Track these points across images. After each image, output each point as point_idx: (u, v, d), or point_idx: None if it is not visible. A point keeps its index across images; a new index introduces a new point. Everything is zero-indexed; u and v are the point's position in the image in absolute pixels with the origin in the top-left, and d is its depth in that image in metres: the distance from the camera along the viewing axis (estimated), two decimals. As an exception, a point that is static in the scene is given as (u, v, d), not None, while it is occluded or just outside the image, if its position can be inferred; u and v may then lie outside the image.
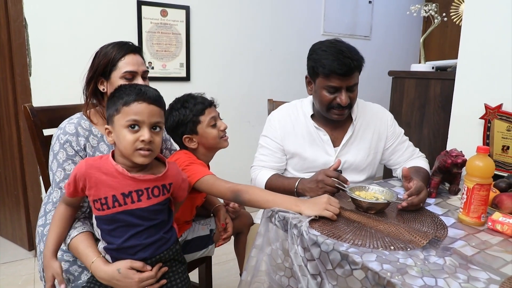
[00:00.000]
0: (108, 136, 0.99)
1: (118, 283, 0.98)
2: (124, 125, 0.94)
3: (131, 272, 0.97)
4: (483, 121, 1.50)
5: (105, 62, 1.17)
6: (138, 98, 0.94)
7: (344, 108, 1.33)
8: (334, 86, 1.29)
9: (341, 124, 1.44)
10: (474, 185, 1.00)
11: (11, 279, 2.08)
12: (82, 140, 1.15)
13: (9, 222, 2.47)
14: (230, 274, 2.15)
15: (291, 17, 3.00)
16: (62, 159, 1.12)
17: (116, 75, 1.17)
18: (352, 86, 1.31)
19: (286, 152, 1.46)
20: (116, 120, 0.95)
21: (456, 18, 2.08)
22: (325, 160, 1.42)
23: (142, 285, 0.98)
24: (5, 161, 2.37)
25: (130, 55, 1.19)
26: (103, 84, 1.19)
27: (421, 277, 0.74)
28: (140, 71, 1.20)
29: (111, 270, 0.98)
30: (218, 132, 1.28)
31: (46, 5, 2.14)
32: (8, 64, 2.15)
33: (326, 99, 1.32)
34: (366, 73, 3.34)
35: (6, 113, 2.27)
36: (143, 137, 0.93)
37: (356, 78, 1.32)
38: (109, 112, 0.97)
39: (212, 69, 2.74)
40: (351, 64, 1.25)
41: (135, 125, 0.94)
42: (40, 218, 1.24)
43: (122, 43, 1.21)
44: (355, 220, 1.01)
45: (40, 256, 1.19)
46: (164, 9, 2.47)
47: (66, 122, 1.17)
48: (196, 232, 1.38)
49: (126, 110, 0.94)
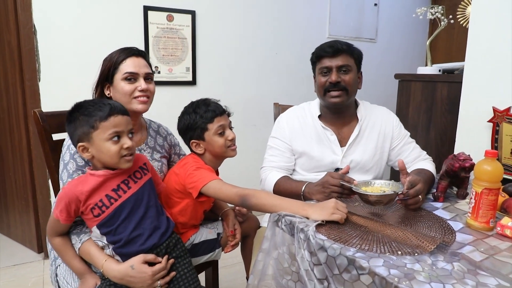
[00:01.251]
0: (84, 152, 1.03)
1: (132, 280, 1.01)
2: (106, 139, 1.00)
3: (144, 267, 1.02)
4: (491, 124, 1.49)
5: (109, 66, 1.19)
6: (112, 112, 1.02)
7: (338, 88, 1.38)
8: (325, 67, 1.40)
9: (348, 124, 1.48)
10: (482, 190, 0.99)
11: (20, 281, 2.10)
12: None
13: (19, 225, 2.50)
14: (236, 277, 2.15)
15: (296, 20, 3.01)
16: (72, 169, 1.13)
17: (118, 78, 1.19)
18: (342, 66, 1.39)
19: (294, 152, 1.49)
20: (96, 136, 1.00)
21: (463, 20, 2.07)
22: (332, 159, 1.44)
23: (156, 278, 1.03)
24: (14, 165, 2.41)
25: (132, 57, 1.21)
26: (108, 89, 1.21)
27: (429, 282, 0.73)
28: (141, 73, 1.21)
29: (124, 267, 1.02)
30: (225, 142, 1.28)
31: (55, 11, 2.17)
32: (17, 70, 2.18)
33: (321, 82, 1.41)
34: (372, 75, 3.36)
35: (15, 117, 2.30)
36: (126, 145, 1.02)
37: (347, 61, 1.40)
38: (82, 130, 1.01)
39: (218, 73, 2.76)
40: (338, 46, 1.38)
41: (116, 136, 1.01)
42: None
43: (126, 48, 1.23)
44: (362, 225, 1.01)
45: (54, 262, 1.21)
46: (170, 14, 2.49)
47: None
48: (204, 236, 1.38)
49: (105, 125, 1.00)
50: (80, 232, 1.09)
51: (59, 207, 1.01)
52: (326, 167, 1.44)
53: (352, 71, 1.41)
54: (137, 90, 1.20)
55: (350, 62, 1.40)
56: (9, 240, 2.56)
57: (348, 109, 1.47)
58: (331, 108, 1.45)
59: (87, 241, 1.08)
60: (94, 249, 1.06)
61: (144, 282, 1.01)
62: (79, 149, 1.02)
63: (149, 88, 1.22)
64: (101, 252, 1.06)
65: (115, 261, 1.05)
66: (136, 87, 1.20)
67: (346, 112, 1.47)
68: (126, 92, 1.18)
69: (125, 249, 1.04)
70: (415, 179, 1.10)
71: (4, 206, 2.58)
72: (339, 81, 1.37)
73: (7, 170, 2.48)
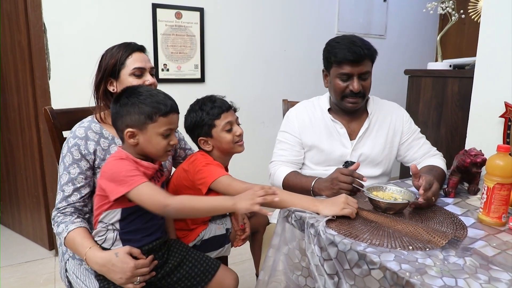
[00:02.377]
0: (130, 138, 1.02)
1: (112, 268, 1.00)
2: (159, 133, 1.03)
3: (128, 257, 1.01)
4: (503, 120, 1.47)
5: (113, 62, 1.19)
6: (172, 110, 1.05)
7: (357, 96, 1.37)
8: (346, 73, 1.35)
9: (358, 117, 1.48)
10: (494, 185, 0.98)
11: (32, 277, 2.13)
12: (91, 144, 1.16)
13: (30, 222, 2.53)
14: (246, 274, 2.15)
15: (305, 17, 3.00)
16: (68, 162, 1.14)
17: (125, 73, 1.19)
18: (363, 73, 1.36)
19: (304, 145, 1.49)
20: (151, 128, 1.02)
21: (474, 15, 2.05)
22: (341, 152, 1.44)
23: (136, 273, 1.01)
24: (25, 163, 2.44)
25: (136, 53, 1.22)
26: (112, 85, 1.21)
27: (440, 277, 0.73)
28: (147, 68, 1.22)
29: (108, 254, 1.02)
30: (233, 137, 1.27)
31: (64, 10, 2.19)
32: (28, 68, 2.21)
33: (340, 87, 1.37)
34: (382, 72, 3.34)
35: (26, 115, 2.33)
36: (173, 142, 1.06)
37: (368, 67, 1.37)
38: (137, 117, 1.01)
39: (226, 70, 2.76)
40: (361, 51, 1.32)
41: (169, 133, 1.05)
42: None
43: (127, 43, 1.23)
44: (373, 220, 1.01)
45: (63, 257, 1.22)
46: (179, 11, 2.50)
47: (77, 126, 1.20)
48: (213, 232, 1.39)
49: (163, 120, 1.03)
50: (68, 222, 1.10)
51: (135, 173, 0.98)
52: (336, 160, 1.44)
53: (370, 75, 1.39)
54: (145, 84, 1.20)
55: (369, 67, 1.38)
56: (20, 237, 2.60)
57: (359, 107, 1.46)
58: (345, 110, 1.45)
59: (73, 230, 1.08)
60: (79, 238, 1.06)
61: (124, 273, 0.99)
62: (127, 134, 1.02)
63: (154, 83, 1.24)
64: (87, 240, 1.06)
65: (99, 249, 1.04)
66: (144, 81, 1.21)
67: (357, 109, 1.46)
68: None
69: (130, 236, 1.05)
70: (431, 180, 1.09)
71: (16, 204, 2.62)
72: (360, 90, 1.36)
73: (18, 168, 2.52)
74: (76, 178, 1.14)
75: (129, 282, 1.01)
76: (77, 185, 1.14)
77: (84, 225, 1.12)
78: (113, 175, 0.98)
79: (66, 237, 1.08)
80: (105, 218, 1.04)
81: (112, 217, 1.03)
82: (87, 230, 1.11)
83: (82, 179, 1.14)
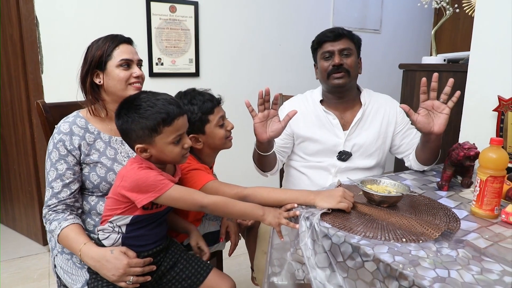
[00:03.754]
0: (142, 153, 1.00)
1: (106, 264, 0.99)
2: (169, 142, 0.99)
3: (122, 255, 1.00)
4: (496, 113, 1.47)
5: (100, 54, 1.17)
6: (176, 116, 0.99)
7: (341, 70, 1.41)
8: (327, 51, 1.43)
9: (351, 108, 1.50)
10: (487, 177, 0.98)
11: (26, 272, 2.12)
12: (76, 139, 1.14)
13: (24, 218, 2.52)
14: (241, 268, 2.16)
15: (300, 11, 2.98)
16: (55, 158, 1.13)
17: (112, 64, 1.17)
18: (344, 49, 1.42)
19: (297, 137, 1.51)
20: (159, 140, 0.98)
21: (468, 9, 2.05)
22: (335, 142, 1.46)
23: (129, 271, 0.99)
24: (19, 158, 2.42)
25: (123, 44, 1.20)
26: (99, 77, 1.18)
27: (433, 268, 0.73)
28: (135, 60, 1.21)
29: (104, 250, 1.02)
30: (225, 132, 1.22)
31: (57, 3, 2.16)
32: (20, 62, 2.18)
33: (324, 66, 1.44)
34: (377, 66, 3.34)
35: (19, 110, 2.31)
36: (186, 145, 1.03)
37: (348, 44, 1.44)
38: (142, 132, 0.97)
39: (221, 64, 2.75)
40: (339, 30, 1.44)
41: (179, 139, 1.01)
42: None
43: (113, 35, 1.21)
44: (367, 213, 1.01)
45: (52, 252, 1.21)
46: (173, 5, 2.48)
47: (62, 122, 1.18)
48: (207, 228, 1.39)
49: (169, 129, 0.98)
50: (61, 219, 1.09)
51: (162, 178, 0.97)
52: (329, 151, 1.46)
53: (353, 54, 1.44)
54: (132, 77, 1.18)
55: (351, 46, 1.44)
56: (14, 233, 2.59)
57: (350, 93, 1.49)
58: (334, 92, 1.47)
59: (66, 227, 1.07)
60: (73, 234, 1.06)
61: (117, 270, 0.98)
62: (137, 150, 0.99)
63: (141, 75, 1.22)
64: (81, 236, 1.06)
65: (94, 244, 1.04)
66: (131, 73, 1.18)
67: (349, 96, 1.49)
68: (122, 78, 1.16)
69: (133, 241, 1.04)
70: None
71: (9, 199, 2.60)
72: (341, 63, 1.41)
73: (11, 163, 2.50)
74: (64, 174, 1.12)
75: (121, 280, 0.99)
76: (65, 181, 1.12)
77: (77, 221, 1.11)
78: (139, 182, 0.96)
79: (60, 234, 1.07)
80: (114, 220, 1.03)
81: (121, 220, 1.02)
82: (80, 226, 1.10)
83: (70, 175, 1.13)
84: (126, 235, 1.03)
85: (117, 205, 1.01)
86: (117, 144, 1.21)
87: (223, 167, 1.33)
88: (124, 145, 1.21)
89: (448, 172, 1.23)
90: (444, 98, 1.22)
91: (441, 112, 1.22)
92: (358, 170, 1.46)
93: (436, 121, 1.22)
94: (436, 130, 1.22)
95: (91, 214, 1.18)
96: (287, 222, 1.00)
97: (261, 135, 1.25)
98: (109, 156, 1.18)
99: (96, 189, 1.17)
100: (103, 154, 1.17)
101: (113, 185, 1.03)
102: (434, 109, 1.23)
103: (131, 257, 1.02)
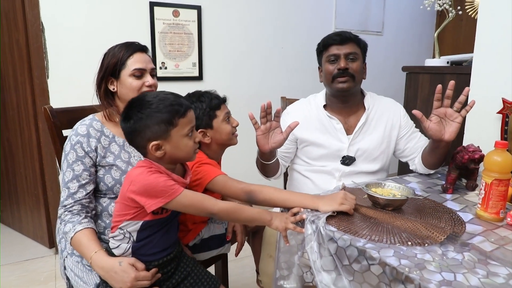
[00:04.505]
0: (156, 151, 0.99)
1: (114, 276, 0.99)
2: (184, 134, 1.01)
3: (130, 268, 0.99)
4: (501, 116, 1.48)
5: (114, 62, 1.19)
6: (188, 107, 1.02)
7: (346, 75, 1.40)
8: (333, 54, 1.42)
9: (355, 112, 1.49)
10: (492, 181, 0.99)
11: (33, 275, 2.13)
12: (93, 142, 1.17)
13: (30, 221, 2.53)
14: (245, 270, 2.16)
15: (302, 13, 3.00)
16: (72, 159, 1.15)
17: (125, 74, 1.19)
18: (350, 54, 1.42)
19: (300, 141, 1.51)
20: (174, 133, 0.99)
21: (471, 11, 2.05)
22: (338, 147, 1.46)
23: (136, 284, 0.99)
24: (25, 162, 2.44)
25: (137, 53, 1.21)
26: (113, 84, 1.22)
27: (439, 272, 0.74)
28: (148, 69, 1.22)
29: (113, 261, 1.01)
30: (232, 128, 1.30)
31: (62, 9, 2.19)
32: (26, 67, 2.20)
33: (329, 70, 1.43)
34: (379, 68, 3.34)
35: (25, 115, 2.33)
36: (197, 139, 1.05)
37: (354, 49, 1.43)
38: (157, 128, 0.97)
39: (224, 67, 2.76)
40: (346, 34, 1.43)
41: (191, 132, 1.03)
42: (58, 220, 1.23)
43: (129, 43, 1.23)
44: (372, 216, 1.01)
45: (61, 254, 1.22)
46: (176, 9, 2.50)
47: (78, 124, 1.21)
48: (212, 231, 1.39)
49: (184, 121, 1.00)
50: (75, 222, 1.10)
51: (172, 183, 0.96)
52: (333, 155, 1.46)
53: (359, 59, 1.44)
54: (144, 86, 1.21)
55: (357, 50, 1.44)
56: (20, 236, 2.61)
57: (354, 97, 1.48)
58: (338, 96, 1.47)
59: (80, 231, 1.08)
60: (86, 240, 1.06)
61: (124, 283, 0.98)
62: (151, 148, 0.98)
63: (155, 84, 1.24)
64: (94, 243, 1.06)
65: (105, 254, 1.04)
66: (143, 82, 1.21)
67: (353, 101, 1.48)
68: (135, 88, 1.19)
69: (144, 250, 1.03)
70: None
71: (16, 202, 2.62)
72: (347, 67, 1.40)
73: (17, 167, 2.52)
74: (80, 175, 1.14)
75: None
76: (82, 181, 1.14)
77: (91, 225, 1.12)
78: (148, 188, 0.95)
79: (73, 237, 1.08)
80: (124, 226, 1.02)
81: (132, 226, 1.02)
82: (94, 231, 1.11)
83: (86, 176, 1.15)
84: (136, 244, 1.03)
85: (127, 210, 1.00)
86: (131, 148, 1.23)
87: (225, 168, 1.34)
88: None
89: (452, 175, 1.23)
90: (458, 106, 1.20)
91: (453, 121, 1.20)
92: (362, 174, 1.46)
93: (448, 129, 1.21)
94: (447, 138, 1.21)
95: (102, 215, 1.20)
96: (294, 226, 1.01)
97: (264, 146, 1.27)
98: (124, 159, 1.21)
99: (109, 191, 1.19)
100: (118, 157, 1.20)
101: (121, 189, 1.03)
102: (446, 116, 1.21)
103: (139, 269, 1.01)
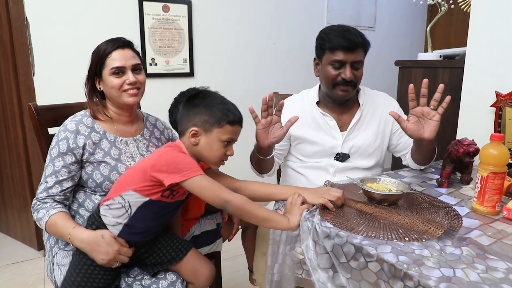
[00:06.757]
0: (192, 137, 1.06)
1: (97, 248, 1.03)
2: (222, 140, 1.06)
3: (114, 241, 1.04)
4: (494, 109, 1.47)
5: (96, 61, 1.18)
6: (239, 122, 1.09)
7: (349, 84, 1.35)
8: (339, 60, 1.33)
9: (348, 109, 1.46)
10: (488, 174, 0.97)
11: (21, 278, 2.08)
12: (81, 139, 1.15)
13: (18, 223, 2.48)
14: (239, 269, 2.14)
15: (294, 9, 2.97)
16: (55, 154, 1.14)
17: (106, 73, 1.18)
18: (356, 62, 1.34)
19: (293, 139, 1.47)
20: (215, 132, 1.05)
21: (464, 5, 2.04)
22: (332, 144, 1.43)
23: (118, 257, 1.05)
24: (11, 162, 2.38)
25: (117, 50, 1.18)
26: (99, 83, 1.20)
27: (438, 268, 0.72)
28: (128, 65, 1.18)
29: (94, 233, 1.05)
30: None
31: (47, 4, 2.13)
32: (11, 64, 2.14)
33: (331, 75, 1.35)
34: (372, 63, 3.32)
35: (11, 113, 2.27)
36: (229, 152, 1.09)
37: (361, 56, 1.36)
38: (206, 118, 1.05)
39: (216, 64, 2.72)
40: (356, 39, 1.32)
41: (228, 142, 1.07)
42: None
43: (113, 40, 1.20)
44: (368, 212, 1.00)
45: (50, 252, 1.20)
46: (166, 4, 2.45)
47: (69, 120, 1.19)
48: (203, 227, 1.37)
49: (229, 129, 1.06)
50: (49, 207, 1.10)
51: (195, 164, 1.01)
52: (327, 152, 1.43)
53: (362, 66, 1.38)
54: (125, 84, 1.18)
55: (362, 57, 1.37)
56: (8, 238, 2.55)
57: (350, 97, 1.45)
58: (336, 100, 1.43)
59: (54, 214, 1.09)
60: (61, 220, 1.08)
61: (108, 255, 1.03)
62: (190, 132, 1.05)
63: (138, 80, 1.20)
64: (68, 222, 1.08)
65: (83, 228, 1.08)
66: (124, 80, 1.18)
67: (347, 100, 1.45)
68: (115, 86, 1.17)
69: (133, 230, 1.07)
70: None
71: (2, 204, 2.55)
72: (352, 79, 1.34)
73: (3, 167, 2.45)
74: (59, 171, 1.13)
75: (108, 264, 1.04)
76: (59, 178, 1.13)
77: (65, 210, 1.13)
78: (176, 160, 1.00)
79: (48, 221, 1.08)
80: (129, 195, 1.04)
81: (137, 198, 1.03)
82: (68, 214, 1.12)
83: (65, 173, 1.13)
84: (130, 221, 1.05)
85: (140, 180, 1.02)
86: (122, 144, 1.22)
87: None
88: (128, 146, 1.23)
89: (447, 168, 1.22)
90: (434, 104, 1.17)
91: (431, 119, 1.17)
92: (357, 169, 1.44)
93: (427, 127, 1.18)
94: (427, 136, 1.18)
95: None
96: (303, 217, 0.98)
97: (263, 141, 1.24)
98: (113, 156, 1.19)
99: (98, 188, 1.17)
100: (108, 154, 1.18)
101: (142, 162, 1.08)
102: (424, 115, 1.18)
103: (121, 243, 1.06)
